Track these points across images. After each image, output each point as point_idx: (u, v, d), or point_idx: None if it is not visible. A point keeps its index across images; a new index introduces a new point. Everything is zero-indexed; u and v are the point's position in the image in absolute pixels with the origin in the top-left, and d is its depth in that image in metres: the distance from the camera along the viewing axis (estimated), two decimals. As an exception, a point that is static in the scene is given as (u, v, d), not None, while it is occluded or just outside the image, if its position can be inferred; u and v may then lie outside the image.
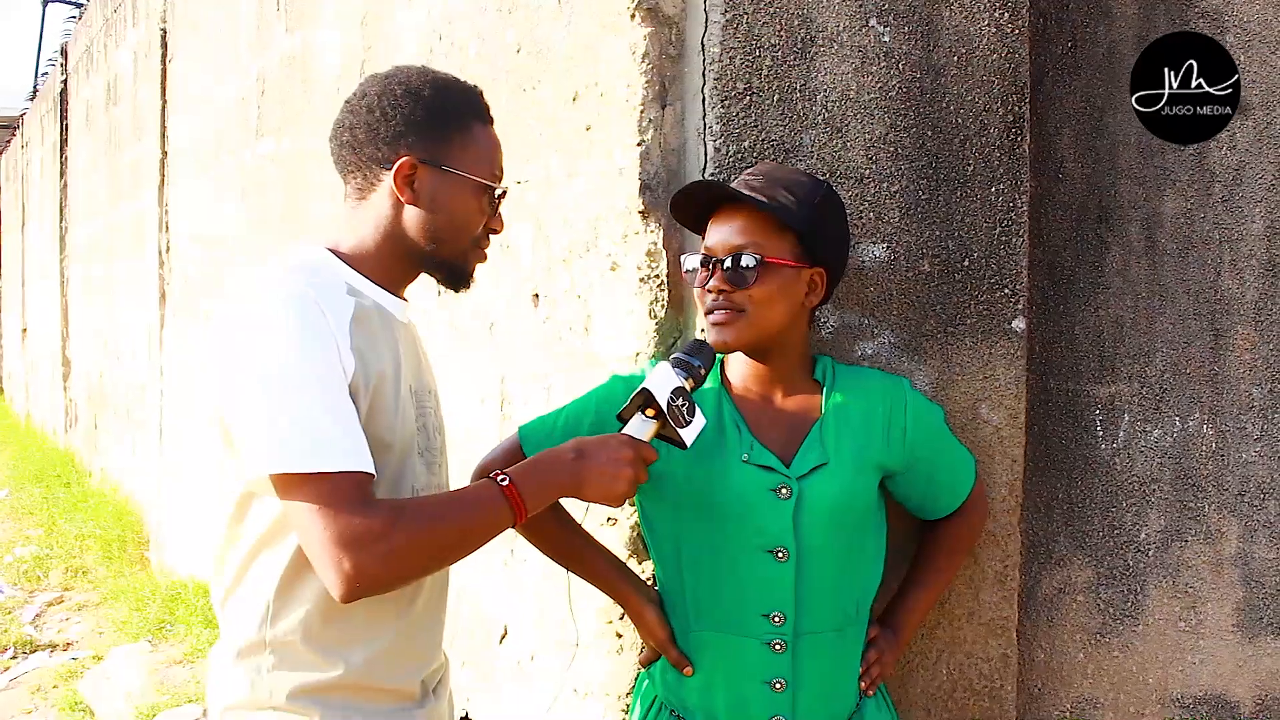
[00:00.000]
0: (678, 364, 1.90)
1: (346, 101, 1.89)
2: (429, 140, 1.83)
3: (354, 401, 1.70)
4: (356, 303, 1.77)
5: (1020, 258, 2.39)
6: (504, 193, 1.92)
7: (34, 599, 7.12)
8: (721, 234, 2.02)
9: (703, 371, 1.92)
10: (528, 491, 1.77)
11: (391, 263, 1.87)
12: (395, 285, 1.90)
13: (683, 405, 1.85)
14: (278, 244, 5.19)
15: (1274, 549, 2.73)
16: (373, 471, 1.69)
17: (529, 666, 2.78)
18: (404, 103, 1.82)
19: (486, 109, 1.92)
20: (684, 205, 2.10)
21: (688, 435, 1.87)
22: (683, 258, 2.13)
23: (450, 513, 1.73)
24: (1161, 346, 2.69)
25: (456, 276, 1.92)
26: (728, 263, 1.99)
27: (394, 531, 1.65)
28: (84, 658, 5.96)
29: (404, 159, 1.81)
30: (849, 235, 2.15)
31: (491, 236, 1.94)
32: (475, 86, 1.93)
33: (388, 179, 1.83)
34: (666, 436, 1.87)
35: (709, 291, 2.01)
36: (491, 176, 1.89)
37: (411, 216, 1.84)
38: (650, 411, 1.86)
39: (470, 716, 2.08)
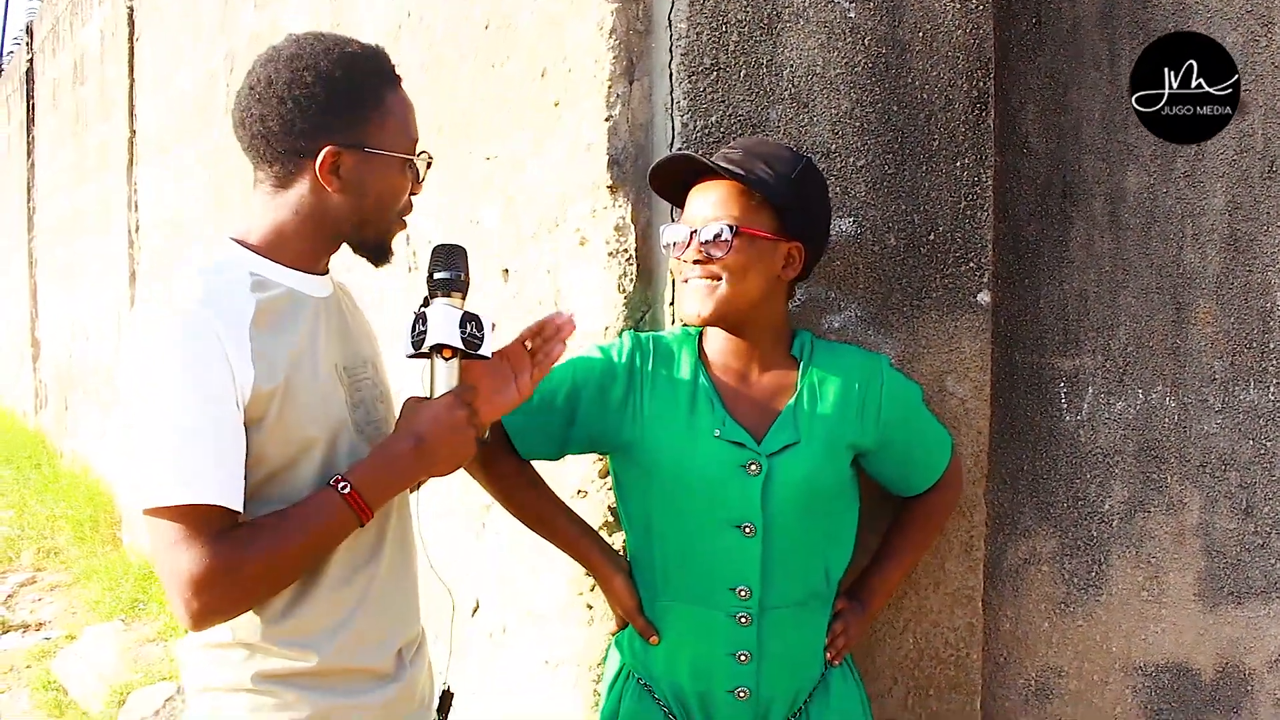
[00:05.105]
0: (442, 286, 1.84)
1: (251, 88, 1.77)
2: (348, 125, 1.75)
3: (263, 408, 1.67)
4: (259, 299, 1.72)
5: (985, 232, 2.41)
6: (430, 162, 1.87)
7: (6, 580, 7.09)
8: (698, 206, 2.05)
9: (462, 277, 1.86)
10: (371, 494, 1.74)
11: (310, 244, 1.81)
12: (313, 264, 1.84)
13: (470, 331, 1.81)
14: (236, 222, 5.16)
15: (1235, 519, 2.77)
16: (230, 505, 1.65)
17: (500, 639, 2.80)
18: (317, 90, 1.73)
19: (393, 70, 1.83)
20: (662, 178, 2.12)
21: (486, 351, 1.84)
22: (662, 229, 2.14)
23: (295, 531, 1.69)
24: (1125, 320, 2.72)
25: (380, 252, 1.87)
26: (704, 234, 2.01)
27: (241, 565, 1.63)
28: (57, 638, 5.95)
29: (327, 149, 1.74)
30: (829, 210, 2.15)
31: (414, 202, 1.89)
32: (378, 48, 1.83)
33: (310, 169, 1.76)
34: (469, 357, 1.84)
35: (684, 262, 2.04)
36: (411, 147, 1.83)
37: (338, 203, 1.78)
38: (447, 353, 1.82)
39: (452, 690, 2.08)
